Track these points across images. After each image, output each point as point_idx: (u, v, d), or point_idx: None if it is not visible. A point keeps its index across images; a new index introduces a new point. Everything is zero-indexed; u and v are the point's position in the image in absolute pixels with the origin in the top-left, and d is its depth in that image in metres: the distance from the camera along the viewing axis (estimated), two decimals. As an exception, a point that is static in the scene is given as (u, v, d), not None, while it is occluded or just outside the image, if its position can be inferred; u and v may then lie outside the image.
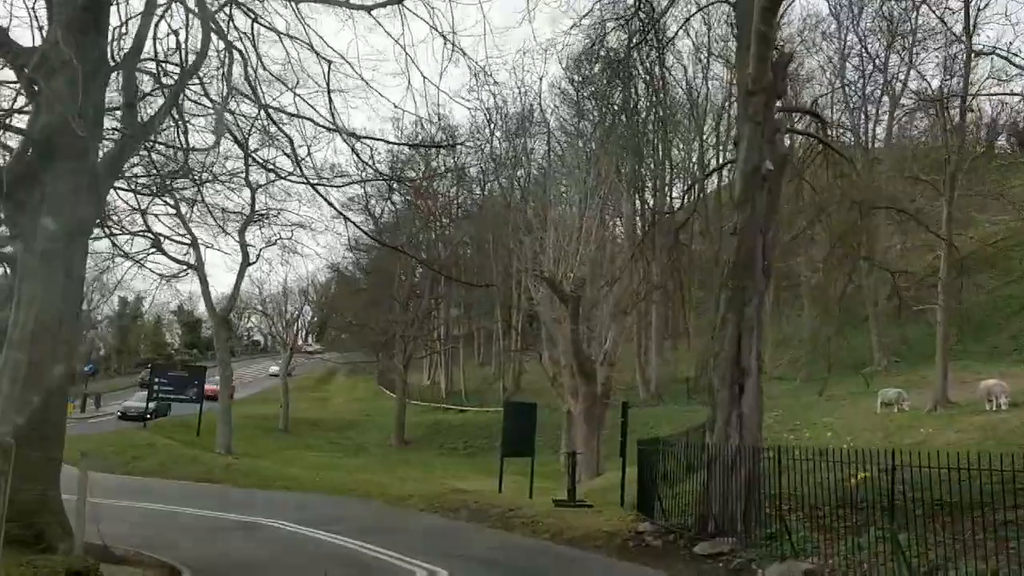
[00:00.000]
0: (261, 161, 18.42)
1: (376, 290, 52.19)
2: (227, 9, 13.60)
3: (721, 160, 53.81)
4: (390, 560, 13.38)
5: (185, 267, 35.37)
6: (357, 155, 14.06)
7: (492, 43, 48.94)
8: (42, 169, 12.10)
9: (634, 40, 21.90)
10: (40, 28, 12.46)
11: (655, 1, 21.46)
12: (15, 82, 13.81)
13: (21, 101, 14.11)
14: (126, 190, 32.47)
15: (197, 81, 14.20)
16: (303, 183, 14.95)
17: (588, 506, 19.76)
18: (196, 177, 26.88)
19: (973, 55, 30.17)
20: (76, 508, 11.38)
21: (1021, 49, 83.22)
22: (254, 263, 36.50)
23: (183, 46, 13.54)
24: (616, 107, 48.23)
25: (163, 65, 14.06)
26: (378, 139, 36.57)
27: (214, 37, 13.04)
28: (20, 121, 14.09)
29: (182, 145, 16.47)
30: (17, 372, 11.73)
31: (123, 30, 13.40)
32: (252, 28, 13.52)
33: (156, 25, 13.24)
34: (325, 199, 16.74)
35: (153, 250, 34.30)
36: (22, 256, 12.37)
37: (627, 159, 44.74)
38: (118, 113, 15.89)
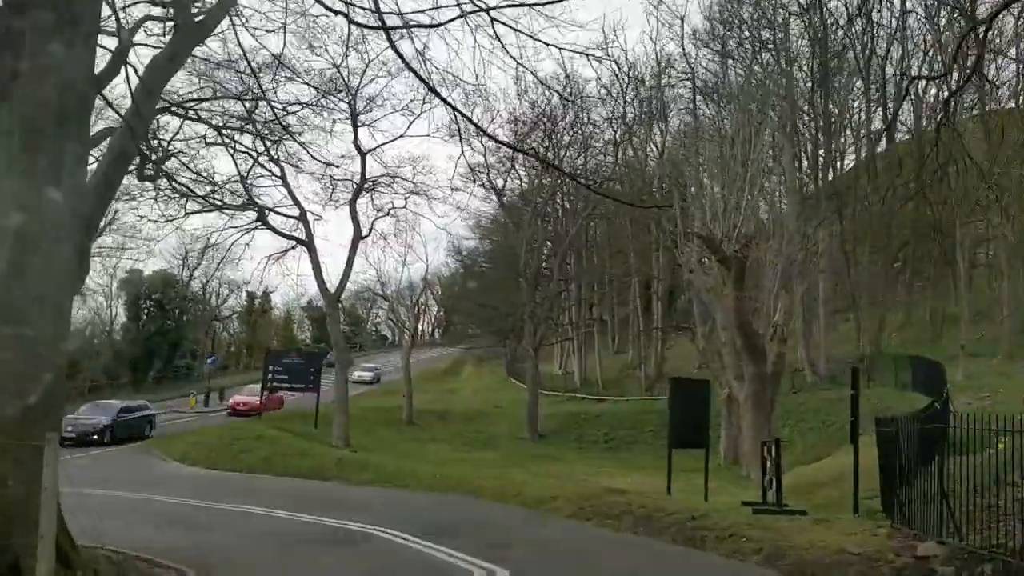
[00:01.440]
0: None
1: (500, 271, 48.04)
2: None
3: (889, 116, 46.87)
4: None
5: (294, 242, 32.11)
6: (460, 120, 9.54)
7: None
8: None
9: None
10: None
11: None
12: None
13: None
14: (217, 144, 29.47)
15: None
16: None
17: (800, 512, 14.52)
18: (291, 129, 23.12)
19: None
20: (43, 501, 7.34)
21: None
22: (366, 236, 32.98)
23: None
24: (769, 48, 42.47)
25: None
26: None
27: None
28: None
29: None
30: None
31: None
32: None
33: None
34: (445, 101, 12.28)
35: (258, 223, 31.11)
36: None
37: (781, 107, 38.70)
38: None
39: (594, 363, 55.86)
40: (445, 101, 10.75)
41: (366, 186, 32.55)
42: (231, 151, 29.25)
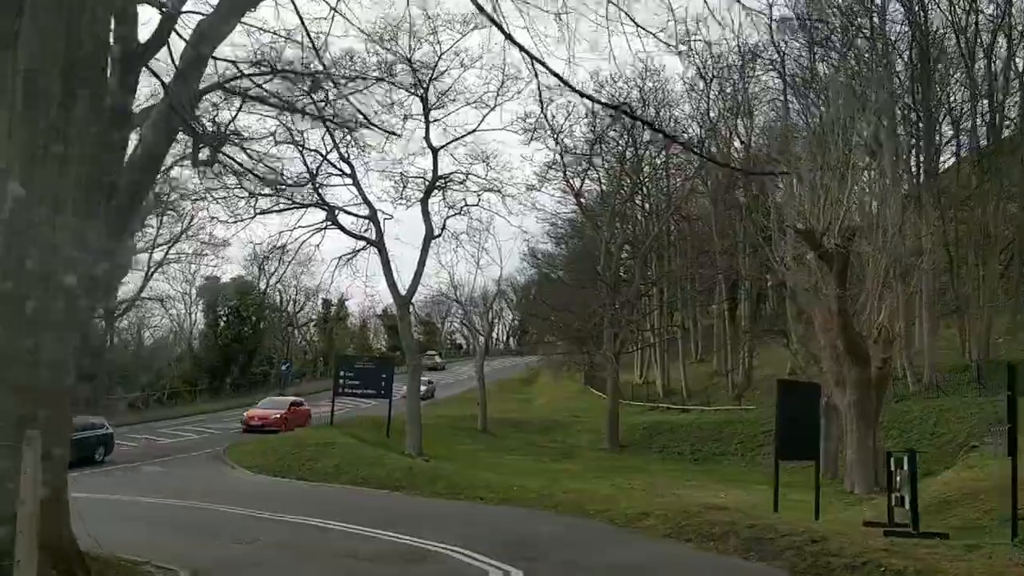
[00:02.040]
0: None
1: (578, 276, 46.20)
2: None
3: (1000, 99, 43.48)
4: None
5: (364, 242, 31.00)
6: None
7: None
8: None
9: None
10: None
11: None
12: None
13: None
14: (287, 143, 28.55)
15: None
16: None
17: (940, 535, 12.35)
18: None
19: None
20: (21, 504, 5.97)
21: None
22: (438, 236, 31.65)
23: None
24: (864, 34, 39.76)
25: None
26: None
27: None
28: None
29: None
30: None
31: None
32: None
33: None
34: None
35: (328, 223, 30.12)
36: None
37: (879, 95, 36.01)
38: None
39: (677, 371, 53.48)
40: (521, 48, 9.13)
41: (438, 184, 31.31)
42: (300, 147, 28.40)
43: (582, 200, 42.38)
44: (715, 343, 54.89)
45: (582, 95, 8.19)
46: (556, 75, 9.08)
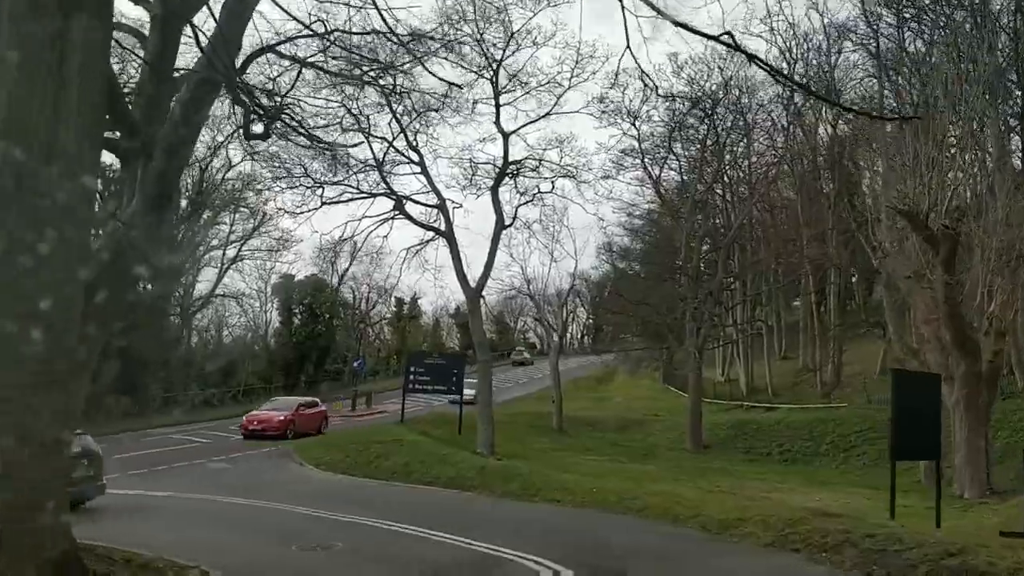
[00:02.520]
0: None
1: (656, 270, 44.31)
2: None
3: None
4: None
5: (433, 233, 29.94)
6: None
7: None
8: None
9: None
10: None
11: None
12: None
13: None
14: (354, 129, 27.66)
15: None
16: None
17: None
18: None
19: None
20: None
21: None
22: (509, 225, 30.36)
23: None
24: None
25: None
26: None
27: None
28: None
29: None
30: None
31: None
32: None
33: None
34: None
35: (396, 213, 29.11)
36: None
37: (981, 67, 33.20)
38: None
39: (760, 369, 51.10)
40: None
41: (509, 171, 30.03)
42: (366, 133, 27.51)
43: (661, 189, 40.49)
44: (801, 339, 52.29)
45: (680, 26, 6.78)
46: (654, 7, 7.60)
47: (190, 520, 16.17)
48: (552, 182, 30.43)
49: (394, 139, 27.82)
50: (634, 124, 36.62)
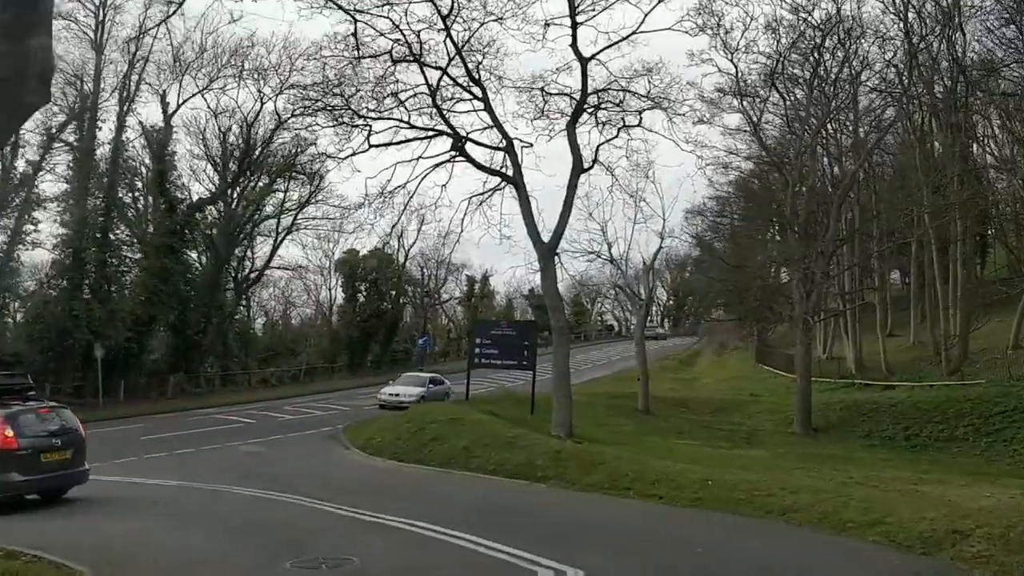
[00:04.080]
0: None
1: (758, 223, 38.98)
2: None
3: None
4: None
5: (500, 179, 25.56)
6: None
7: None
8: None
9: None
10: None
11: None
12: None
13: None
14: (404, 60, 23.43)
15: None
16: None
17: None
18: None
19: None
20: None
21: None
22: (589, 168, 25.69)
23: None
24: None
25: None
26: None
27: None
28: None
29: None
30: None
31: None
32: None
33: None
34: None
35: (454, 154, 24.79)
36: None
37: None
38: None
39: (869, 345, 45.31)
40: None
41: (587, 106, 25.43)
42: (419, 62, 23.32)
43: (761, 135, 34.96)
44: (912, 313, 46.31)
45: None
46: None
47: (176, 518, 12.39)
48: (640, 114, 25.58)
49: (449, 62, 23.42)
50: (731, 59, 31.51)
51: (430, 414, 23.16)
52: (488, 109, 25.05)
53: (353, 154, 24.69)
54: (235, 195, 47.19)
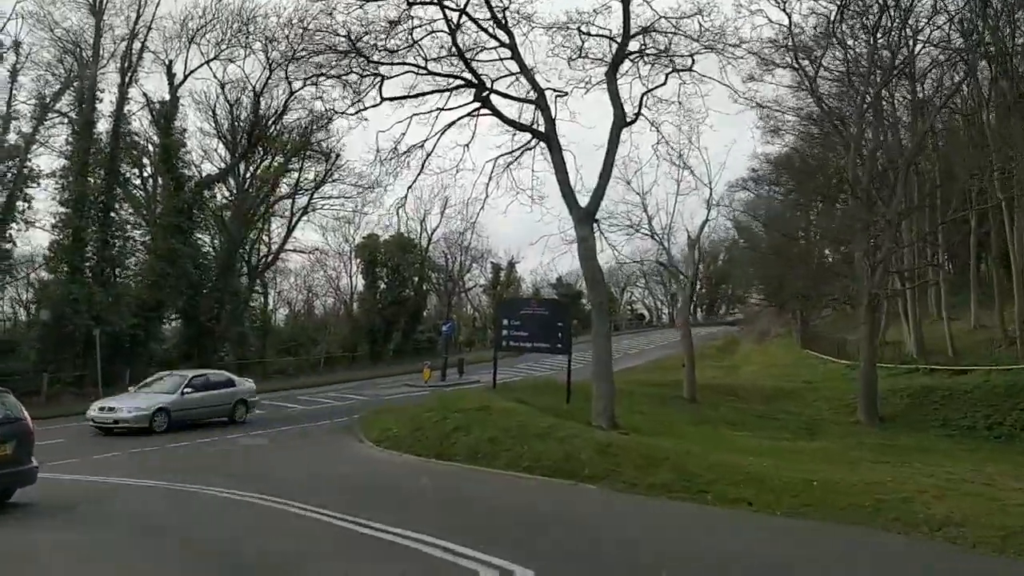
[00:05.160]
0: None
1: (816, 190, 35.30)
2: None
3: None
4: None
5: (530, 136, 22.51)
6: None
7: None
8: None
9: None
10: None
11: None
12: None
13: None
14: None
15: None
16: None
17: None
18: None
19: None
20: None
21: None
22: (632, 122, 22.52)
23: None
24: None
25: None
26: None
27: None
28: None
29: None
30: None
31: None
32: None
33: None
34: None
35: (478, 105, 21.74)
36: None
37: None
38: None
39: (929, 327, 41.66)
40: None
41: (630, 52, 22.31)
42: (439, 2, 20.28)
43: (817, 89, 31.20)
44: (972, 295, 42.63)
45: None
46: None
47: (116, 531, 9.63)
48: (691, 57, 22.28)
49: (468, 2, 20.30)
50: (784, 7, 28.15)
51: (452, 403, 20.21)
52: (516, 57, 21.98)
53: (364, 109, 21.72)
54: (246, 173, 44.48)
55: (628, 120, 22.38)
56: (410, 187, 23.01)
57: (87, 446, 19.66)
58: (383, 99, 21.73)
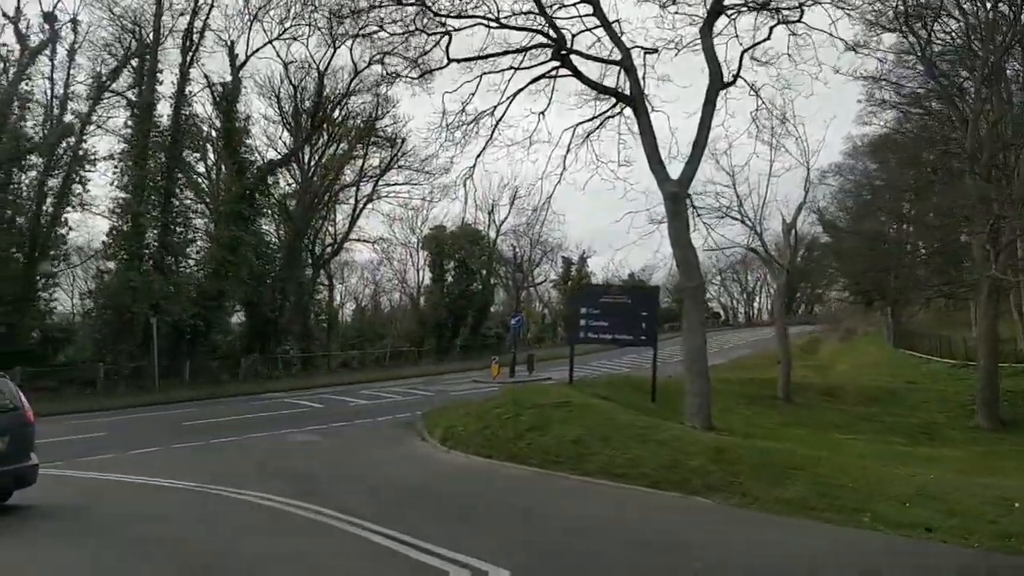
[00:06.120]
0: None
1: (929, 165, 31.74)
2: None
3: None
4: None
5: (615, 101, 20.18)
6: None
7: None
8: None
9: None
10: None
11: None
12: None
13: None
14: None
15: None
16: None
17: None
18: None
19: None
20: None
21: None
22: (730, 84, 20.00)
23: None
24: None
25: None
26: None
27: None
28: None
29: None
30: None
31: None
32: None
33: None
34: None
35: (555, 64, 19.48)
36: None
37: None
38: None
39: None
40: None
41: (727, 6, 19.82)
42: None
43: (930, 54, 27.97)
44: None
45: None
46: None
47: (106, 544, 7.66)
48: (801, 7, 19.54)
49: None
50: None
51: (527, 398, 17.95)
52: (598, 12, 19.67)
53: (429, 71, 19.66)
54: (310, 160, 43.11)
55: (727, 82, 19.82)
56: (479, 156, 20.80)
57: (127, 441, 18.12)
58: (450, 60, 19.65)
